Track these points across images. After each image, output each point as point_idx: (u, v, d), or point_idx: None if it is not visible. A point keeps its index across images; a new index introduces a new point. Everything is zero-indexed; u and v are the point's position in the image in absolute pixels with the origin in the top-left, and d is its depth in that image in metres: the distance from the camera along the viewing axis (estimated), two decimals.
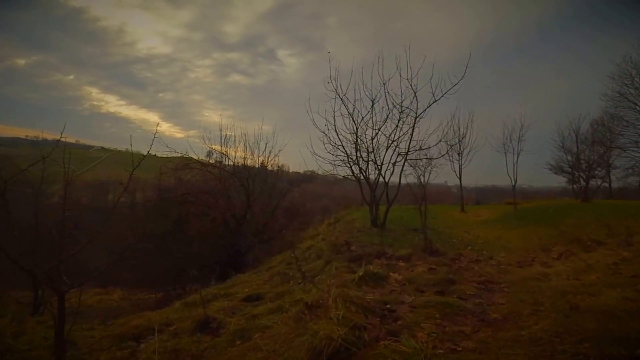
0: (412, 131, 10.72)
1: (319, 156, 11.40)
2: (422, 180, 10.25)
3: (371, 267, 4.98)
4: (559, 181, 20.76)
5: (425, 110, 10.53)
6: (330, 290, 3.56)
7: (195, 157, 13.67)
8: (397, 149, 11.01)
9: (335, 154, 11.34)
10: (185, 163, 13.23)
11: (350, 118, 10.97)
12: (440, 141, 11.27)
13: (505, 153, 16.37)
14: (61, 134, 3.25)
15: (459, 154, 16.67)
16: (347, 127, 11.17)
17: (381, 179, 11.43)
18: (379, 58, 10.64)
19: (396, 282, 4.66)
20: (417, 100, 10.43)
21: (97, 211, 25.00)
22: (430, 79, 10.08)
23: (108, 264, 4.03)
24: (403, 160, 10.97)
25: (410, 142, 10.79)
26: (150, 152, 3.71)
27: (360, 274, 4.56)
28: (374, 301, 3.75)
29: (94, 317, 10.14)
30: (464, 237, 9.91)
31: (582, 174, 17.28)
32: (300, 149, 12.68)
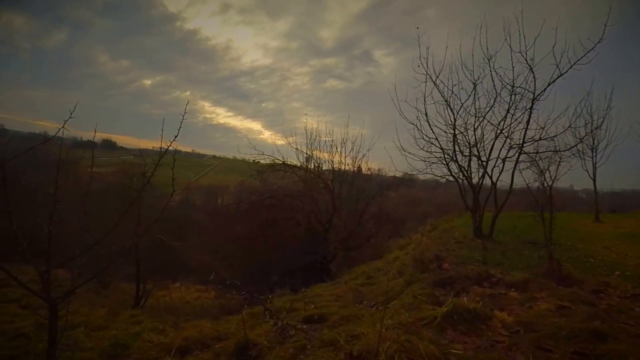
0: (529, 117, 8.38)
1: (409, 153, 9.68)
2: (546, 180, 7.74)
3: (465, 299, 3.52)
4: None
5: (545, 89, 8.09)
6: (386, 338, 2.34)
7: (283, 160, 13.49)
8: (507, 140, 8.77)
9: (429, 150, 9.48)
10: (270, 165, 13.11)
11: (447, 105, 9.07)
12: (570, 126, 8.56)
13: None
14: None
15: (592, 149, 13.01)
16: (442, 117, 9.25)
17: (487, 179, 9.31)
18: (481, 28, 8.47)
19: (503, 326, 3.11)
20: (534, 78, 8.07)
21: (206, 213, 27.57)
22: (553, 47, 7.66)
23: (98, 271, 3.51)
24: (517, 154, 8.66)
25: (526, 131, 8.46)
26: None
27: (446, 309, 3.16)
28: None
29: (184, 314, 10.59)
30: (606, 256, 7.04)
31: None
32: (395, 150, 11.05)
